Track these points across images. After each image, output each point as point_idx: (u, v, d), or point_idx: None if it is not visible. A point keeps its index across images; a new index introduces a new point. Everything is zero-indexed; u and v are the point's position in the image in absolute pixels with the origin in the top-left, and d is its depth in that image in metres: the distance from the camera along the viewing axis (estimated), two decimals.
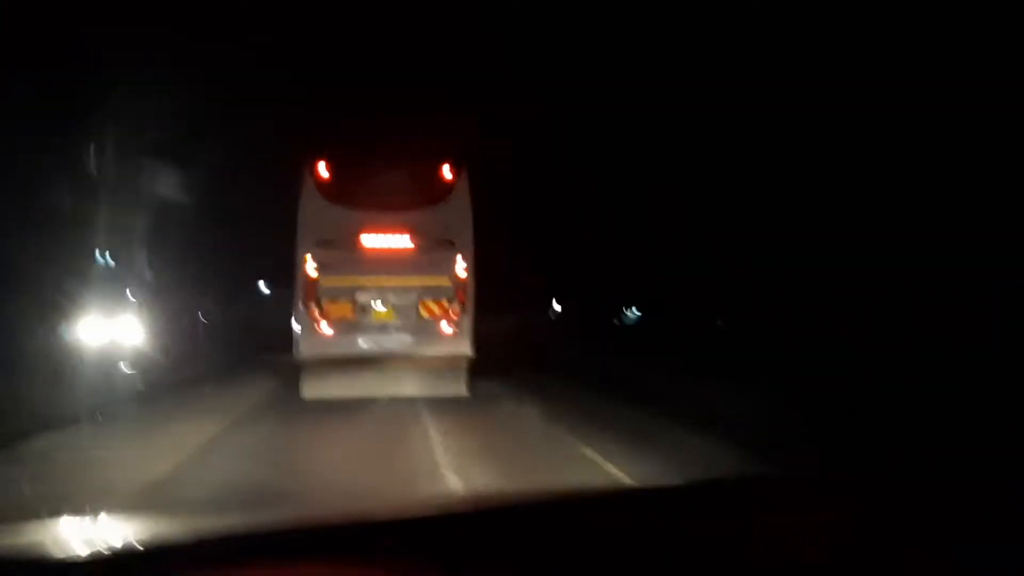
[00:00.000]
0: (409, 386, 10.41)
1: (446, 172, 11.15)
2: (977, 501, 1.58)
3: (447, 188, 11.11)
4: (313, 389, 10.38)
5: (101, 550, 1.34)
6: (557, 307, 48.54)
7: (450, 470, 5.88)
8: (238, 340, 17.73)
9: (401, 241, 10.90)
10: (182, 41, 16.86)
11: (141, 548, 1.36)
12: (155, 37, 15.96)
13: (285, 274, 11.91)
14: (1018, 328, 13.47)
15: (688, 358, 16.86)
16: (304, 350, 10.59)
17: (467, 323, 10.75)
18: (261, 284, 28.89)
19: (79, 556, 1.30)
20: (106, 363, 11.00)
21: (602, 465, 6.10)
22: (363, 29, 23.54)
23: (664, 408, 8.97)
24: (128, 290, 12.77)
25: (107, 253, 13.27)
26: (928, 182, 17.50)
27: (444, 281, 10.76)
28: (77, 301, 11.84)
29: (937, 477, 1.98)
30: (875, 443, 6.54)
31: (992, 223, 15.98)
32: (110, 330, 11.43)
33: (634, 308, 46.05)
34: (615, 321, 45.19)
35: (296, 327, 10.85)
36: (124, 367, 11.18)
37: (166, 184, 14.96)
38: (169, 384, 11.49)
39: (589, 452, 6.54)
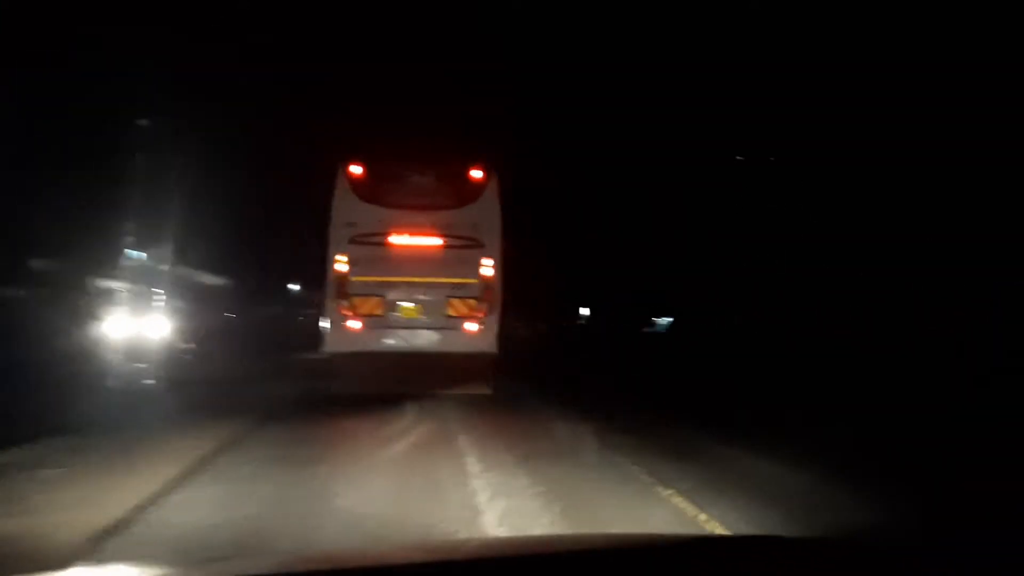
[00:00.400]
0: (434, 383, 10.59)
1: (475, 174, 11.19)
2: None
3: (476, 190, 11.15)
4: (341, 384, 10.56)
5: None
6: (585, 314, 47.61)
7: (497, 525, 4.41)
8: (265, 339, 16.98)
9: (430, 240, 10.99)
10: (216, 45, 16.70)
11: None
12: (184, 42, 15.80)
13: (314, 275, 11.65)
14: None
15: (735, 371, 15.91)
16: (333, 345, 10.69)
17: (493, 322, 10.83)
18: (292, 285, 28.63)
19: None
20: (124, 364, 10.47)
21: (693, 516, 4.70)
22: (397, 35, 23.31)
23: (735, 433, 7.87)
24: (157, 287, 12.30)
25: (139, 250, 12.91)
26: (939, 182, 17.06)
27: (471, 280, 10.84)
28: (106, 297, 11.51)
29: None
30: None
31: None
32: (137, 327, 11.06)
33: (665, 317, 44.75)
34: (645, 329, 43.95)
35: (326, 323, 10.90)
36: (141, 368, 10.53)
37: (198, 185, 14.72)
38: (186, 385, 10.66)
39: (667, 494, 5.17)
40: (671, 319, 44.37)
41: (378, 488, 5.39)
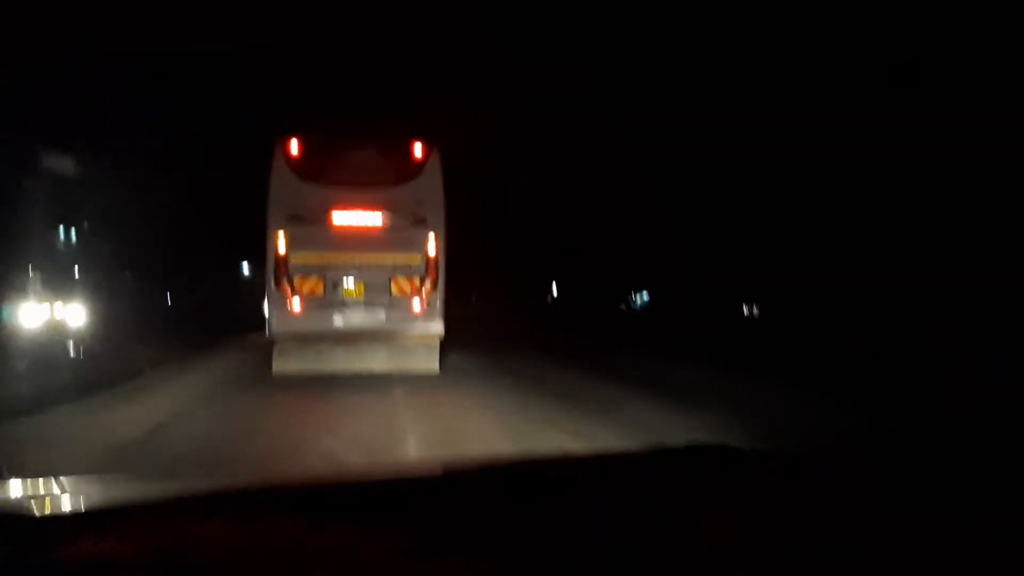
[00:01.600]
0: (380, 362, 10.81)
1: (417, 150, 11.22)
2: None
3: (418, 166, 11.19)
4: (284, 365, 10.62)
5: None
6: (555, 292, 47.37)
7: None
8: (211, 321, 16.65)
9: (372, 219, 11.04)
10: (157, 27, 16.58)
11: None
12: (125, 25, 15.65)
13: (262, 255, 11.51)
14: None
15: (734, 354, 14.59)
16: (275, 327, 10.70)
17: (438, 301, 10.99)
18: (244, 266, 28.30)
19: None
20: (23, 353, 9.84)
21: None
22: (338, 9, 23.16)
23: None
24: (77, 271, 11.97)
25: (69, 231, 12.64)
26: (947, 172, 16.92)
27: (415, 259, 10.94)
28: (20, 282, 11.09)
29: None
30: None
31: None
32: (53, 313, 10.69)
33: (643, 293, 44.32)
34: (622, 307, 43.67)
35: (267, 304, 10.87)
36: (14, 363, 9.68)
37: (132, 165, 14.62)
38: (92, 378, 9.52)
39: None
40: (647, 295, 43.83)
41: None
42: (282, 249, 10.73)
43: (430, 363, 11.00)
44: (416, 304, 10.92)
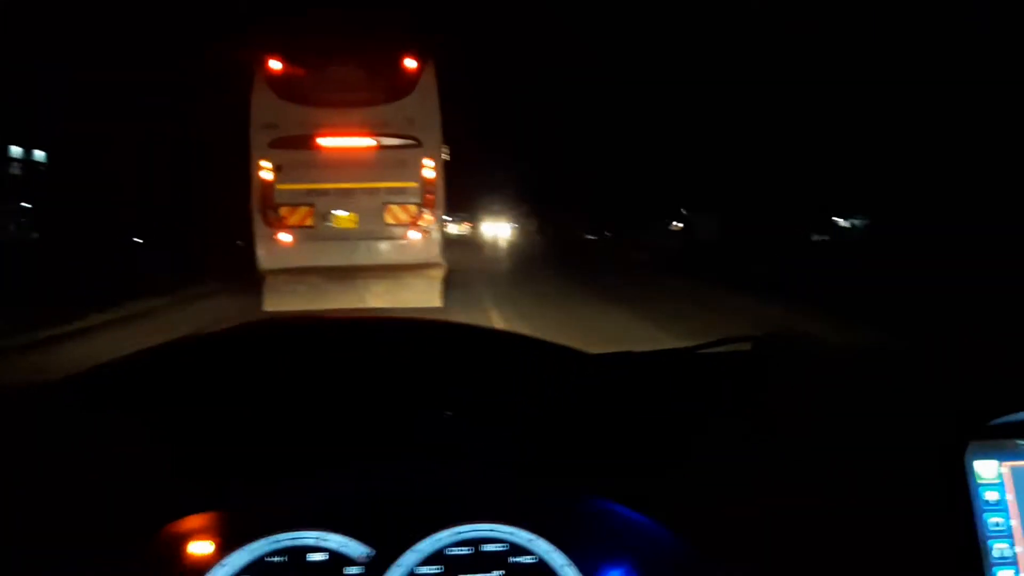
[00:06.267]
0: (378, 297, 10.51)
1: (409, 64, 10.90)
2: None
3: (411, 82, 10.90)
4: (275, 301, 10.41)
5: None
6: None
7: None
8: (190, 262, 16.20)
9: (362, 141, 10.78)
10: None
11: None
12: None
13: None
14: None
15: None
16: (263, 261, 10.64)
17: (436, 229, 10.83)
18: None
19: None
20: None
21: None
22: None
23: None
24: None
25: None
26: None
27: (410, 183, 10.68)
28: None
29: None
30: None
31: None
32: None
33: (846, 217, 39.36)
34: (816, 237, 38.66)
35: (255, 236, 10.75)
36: None
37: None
38: None
39: None
40: (862, 219, 37.69)
41: None
42: (267, 177, 10.63)
43: (431, 297, 10.70)
44: (414, 234, 10.74)
